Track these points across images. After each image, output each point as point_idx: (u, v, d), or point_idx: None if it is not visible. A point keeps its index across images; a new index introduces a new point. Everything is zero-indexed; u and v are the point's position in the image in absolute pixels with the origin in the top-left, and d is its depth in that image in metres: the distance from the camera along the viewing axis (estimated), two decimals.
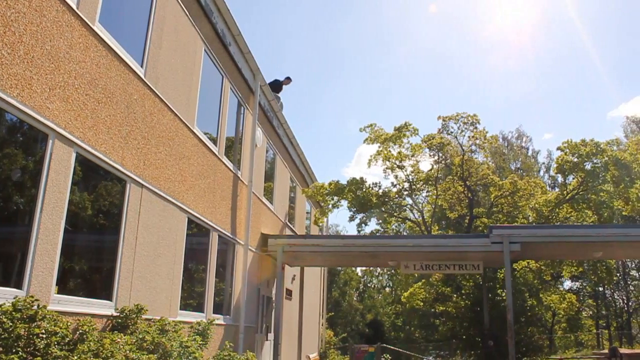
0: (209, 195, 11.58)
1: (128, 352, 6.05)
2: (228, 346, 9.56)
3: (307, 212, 24.25)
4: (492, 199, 21.80)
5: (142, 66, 8.58)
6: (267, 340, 16.06)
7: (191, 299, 10.89)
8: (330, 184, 20.45)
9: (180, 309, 9.83)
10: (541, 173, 50.09)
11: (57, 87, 6.34)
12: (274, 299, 16.45)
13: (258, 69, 14.51)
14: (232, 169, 13.22)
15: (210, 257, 11.71)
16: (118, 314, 7.41)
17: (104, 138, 7.38)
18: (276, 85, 17.99)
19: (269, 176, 17.39)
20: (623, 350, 21.43)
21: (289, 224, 19.54)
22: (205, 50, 11.38)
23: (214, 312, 11.57)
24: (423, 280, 22.82)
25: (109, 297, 7.53)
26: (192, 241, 10.79)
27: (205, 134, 11.52)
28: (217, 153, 12.13)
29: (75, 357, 5.40)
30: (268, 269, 16.27)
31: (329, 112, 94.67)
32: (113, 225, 7.89)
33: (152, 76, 8.88)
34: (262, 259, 15.56)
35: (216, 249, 12.01)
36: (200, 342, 8.48)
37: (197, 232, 11.17)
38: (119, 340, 6.24)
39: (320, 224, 24.13)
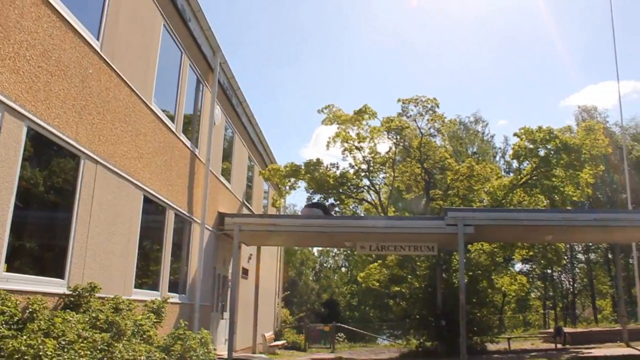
0: (166, 173, 11.42)
1: (81, 330, 5.96)
2: (183, 324, 9.52)
3: (265, 192, 24.19)
4: (448, 182, 22.11)
5: (98, 39, 8.34)
6: (222, 318, 16.05)
7: (146, 278, 10.77)
8: (286, 166, 20.39)
9: (135, 288, 9.71)
10: (497, 158, 51.09)
11: (7, 58, 6.12)
12: (230, 277, 16.41)
13: (218, 46, 14.29)
14: (189, 146, 13.05)
15: (166, 235, 11.59)
16: (71, 293, 7.27)
17: (57, 112, 7.17)
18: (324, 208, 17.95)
19: (227, 155, 17.25)
20: (567, 329, 22.24)
21: (246, 203, 19.46)
22: (164, 25, 11.14)
23: (169, 291, 11.48)
24: (379, 261, 23.06)
25: (61, 275, 7.38)
26: (148, 219, 10.65)
27: (163, 111, 11.32)
28: (174, 130, 11.95)
29: (25, 337, 5.29)
30: (224, 247, 16.20)
31: (288, 92, 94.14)
32: (66, 202, 7.71)
33: (109, 50, 8.65)
34: (218, 237, 15.48)
35: (172, 227, 11.88)
36: (155, 321, 8.42)
37: (153, 209, 11.02)
38: (71, 318, 6.14)
39: (278, 205, 24.10)
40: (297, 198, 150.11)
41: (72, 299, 7.22)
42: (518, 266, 42.28)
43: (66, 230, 7.57)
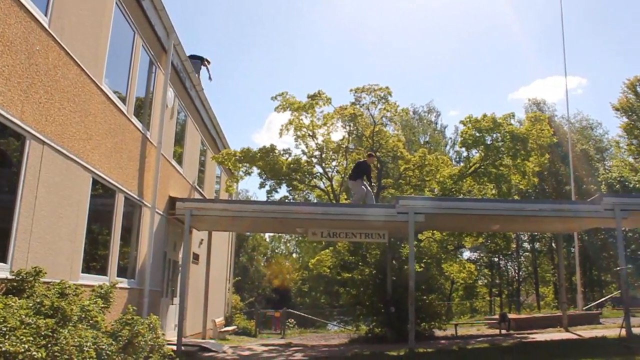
0: (116, 156, 11.16)
1: (23, 316, 5.77)
2: (131, 310, 9.35)
3: (217, 177, 23.95)
4: (400, 171, 22.34)
5: (46, 15, 8.04)
6: (172, 304, 15.88)
7: (94, 262, 10.54)
8: (241, 150, 20.22)
9: (82, 272, 9.50)
10: (448, 148, 51.98)
11: None
12: (180, 262, 16.23)
13: (172, 27, 14.00)
14: (141, 129, 12.78)
15: (115, 219, 11.35)
16: (13, 277, 7.03)
17: (1, 90, 6.89)
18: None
19: (180, 138, 16.98)
20: (511, 316, 22.87)
21: (198, 187, 19.24)
22: (116, 3, 10.83)
23: (118, 276, 11.27)
24: (330, 248, 23.18)
25: (3, 259, 7.14)
26: (97, 202, 10.41)
27: (115, 92, 11.04)
28: (125, 112, 11.67)
29: None
30: (175, 232, 16.00)
31: (241, 78, 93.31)
32: (10, 183, 7.44)
33: (57, 27, 8.35)
34: (169, 222, 15.27)
35: (122, 211, 11.65)
36: (103, 306, 8.24)
37: (102, 193, 10.77)
38: (13, 304, 5.94)
39: (232, 191, 23.91)
40: (250, 184, 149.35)
41: (15, 283, 6.98)
42: (467, 254, 43.26)
43: (10, 213, 7.31)
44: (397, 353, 13.78)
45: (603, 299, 31.86)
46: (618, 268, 16.75)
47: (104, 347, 6.96)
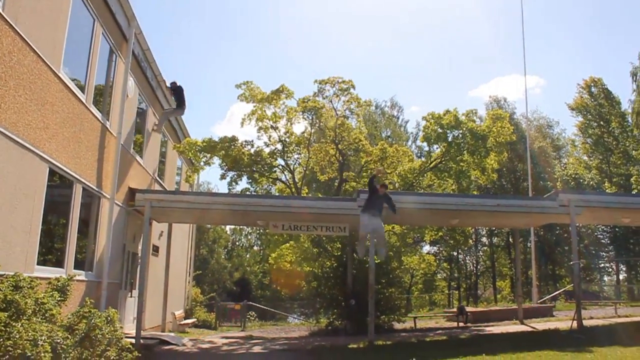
0: (74, 145, 10.92)
1: None
2: (89, 302, 9.18)
3: (178, 168, 23.67)
4: (362, 164, 22.44)
5: None
6: (131, 296, 15.66)
7: (51, 254, 10.31)
8: (203, 140, 20.02)
9: (38, 265, 9.28)
10: (409, 142, 52.48)
11: None
12: (139, 255, 16.01)
13: (134, 15, 13.74)
14: (100, 119, 12.53)
15: (72, 210, 11.11)
16: None
17: None
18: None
19: (140, 129, 16.70)
20: (469, 309, 23.28)
21: (158, 179, 18.98)
22: None
23: (75, 268, 11.05)
24: (291, 242, 23.17)
25: None
26: (54, 193, 10.18)
27: (73, 80, 10.78)
28: (84, 101, 11.42)
29: None
30: (135, 224, 15.77)
31: (202, 69, 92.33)
32: None
33: (12, 11, 8.10)
34: (129, 214, 15.03)
35: (80, 202, 11.41)
36: (59, 299, 8.09)
37: (59, 183, 10.53)
38: None
39: (192, 181, 23.66)
40: (211, 176, 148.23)
41: None
42: (426, 248, 43.82)
43: None
44: (356, 345, 13.90)
45: (557, 292, 32.72)
46: (571, 262, 17.25)
47: (59, 340, 6.83)
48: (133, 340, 12.33)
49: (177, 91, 18.06)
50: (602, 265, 48.48)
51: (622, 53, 77.40)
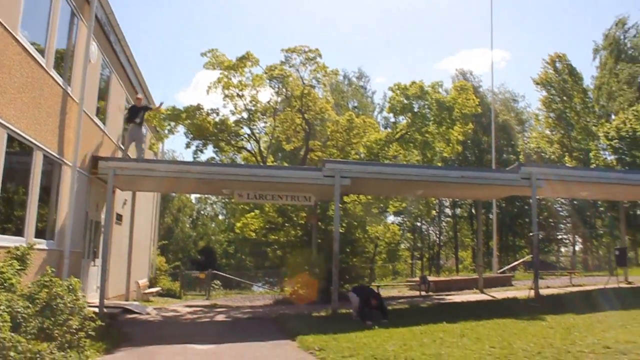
0: (34, 111, 10.63)
1: None
2: (50, 271, 9.06)
3: (143, 136, 23.28)
4: (328, 134, 22.47)
5: None
6: (94, 265, 15.51)
7: (10, 223, 10.10)
8: (167, 109, 19.72)
9: None
10: (375, 113, 52.66)
11: None
12: (103, 223, 15.81)
13: None
14: (61, 84, 12.20)
15: (32, 178, 10.86)
16: None
17: None
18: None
19: (103, 95, 16.34)
20: (431, 278, 23.79)
21: (122, 146, 18.65)
22: None
23: (36, 237, 10.85)
24: (257, 211, 23.16)
25: None
26: (13, 160, 9.92)
27: (32, 43, 10.44)
28: (44, 65, 11.08)
29: None
30: (98, 192, 15.53)
31: (168, 34, 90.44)
32: None
33: None
34: (91, 181, 14.77)
35: (40, 170, 11.15)
36: (19, 268, 7.98)
37: (18, 150, 10.27)
38: None
39: (156, 149, 23.34)
40: (176, 144, 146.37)
41: None
42: (391, 218, 44.31)
43: None
44: (320, 314, 14.08)
45: (516, 262, 33.59)
46: (531, 234, 17.70)
47: (19, 310, 6.75)
48: (96, 310, 12.30)
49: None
50: (560, 237, 49.95)
51: (586, 31, 78.50)
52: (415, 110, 21.00)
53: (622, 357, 7.38)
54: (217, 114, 20.63)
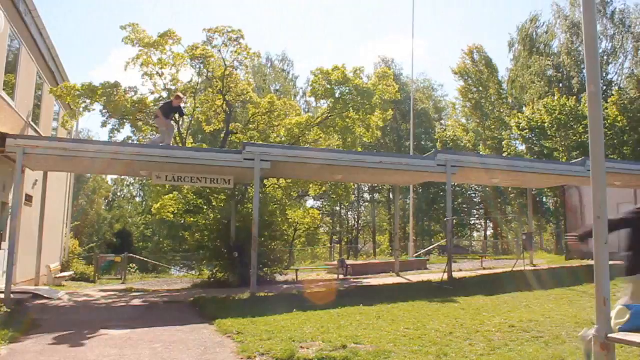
0: None
1: None
2: None
3: (56, 114, 22.29)
4: (249, 116, 22.28)
5: None
6: (0, 249, 14.78)
7: None
8: (82, 85, 18.90)
9: None
10: (298, 98, 52.76)
11: None
12: (10, 205, 15.05)
13: None
14: None
15: None
16: None
17: None
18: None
19: (12, 68, 15.48)
20: (350, 262, 24.21)
21: (33, 124, 17.78)
22: None
23: None
24: (175, 193, 22.71)
25: None
26: None
27: None
28: None
29: None
30: (5, 171, 14.76)
31: (82, 7, 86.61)
32: None
33: None
34: None
35: None
36: None
37: None
38: None
39: (70, 128, 22.38)
40: (92, 123, 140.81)
41: None
42: (310, 202, 44.71)
43: None
44: (239, 297, 14.05)
45: (431, 247, 34.75)
46: (445, 219, 18.36)
47: None
48: (2, 295, 11.76)
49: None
50: (473, 222, 52.09)
51: (503, 24, 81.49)
52: (337, 95, 21.17)
53: (525, 335, 7.87)
54: (135, 93, 19.98)
